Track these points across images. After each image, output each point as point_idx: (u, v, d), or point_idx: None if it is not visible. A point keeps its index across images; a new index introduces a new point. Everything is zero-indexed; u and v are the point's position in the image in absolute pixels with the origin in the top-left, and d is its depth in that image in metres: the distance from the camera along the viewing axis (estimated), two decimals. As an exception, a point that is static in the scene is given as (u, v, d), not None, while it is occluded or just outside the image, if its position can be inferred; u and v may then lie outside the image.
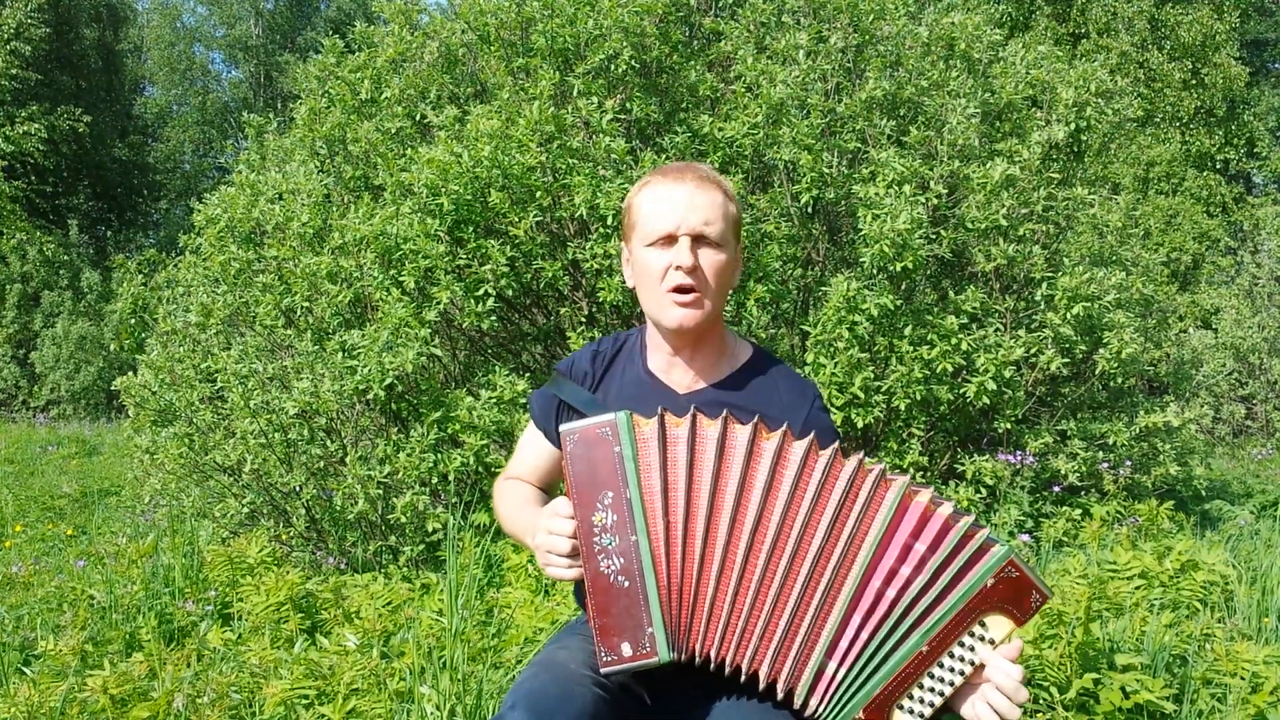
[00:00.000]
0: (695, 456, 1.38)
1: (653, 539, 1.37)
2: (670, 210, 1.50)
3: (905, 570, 1.31)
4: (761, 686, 1.37)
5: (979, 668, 1.30)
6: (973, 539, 1.30)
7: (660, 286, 1.51)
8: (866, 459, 1.37)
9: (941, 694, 1.31)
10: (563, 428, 1.41)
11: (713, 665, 1.38)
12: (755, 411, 1.44)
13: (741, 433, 1.37)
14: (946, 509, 1.31)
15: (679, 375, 1.59)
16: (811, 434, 1.38)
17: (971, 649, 1.31)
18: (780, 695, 1.36)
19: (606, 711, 1.38)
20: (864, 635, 1.32)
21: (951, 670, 1.31)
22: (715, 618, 1.37)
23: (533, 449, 1.72)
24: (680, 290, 1.49)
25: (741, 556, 1.36)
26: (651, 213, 1.52)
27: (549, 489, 1.74)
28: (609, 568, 1.37)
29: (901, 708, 1.32)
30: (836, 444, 1.38)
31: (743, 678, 1.37)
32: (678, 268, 1.49)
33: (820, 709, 1.34)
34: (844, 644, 1.33)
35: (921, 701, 1.32)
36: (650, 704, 1.51)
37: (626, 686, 1.47)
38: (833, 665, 1.33)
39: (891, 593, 1.31)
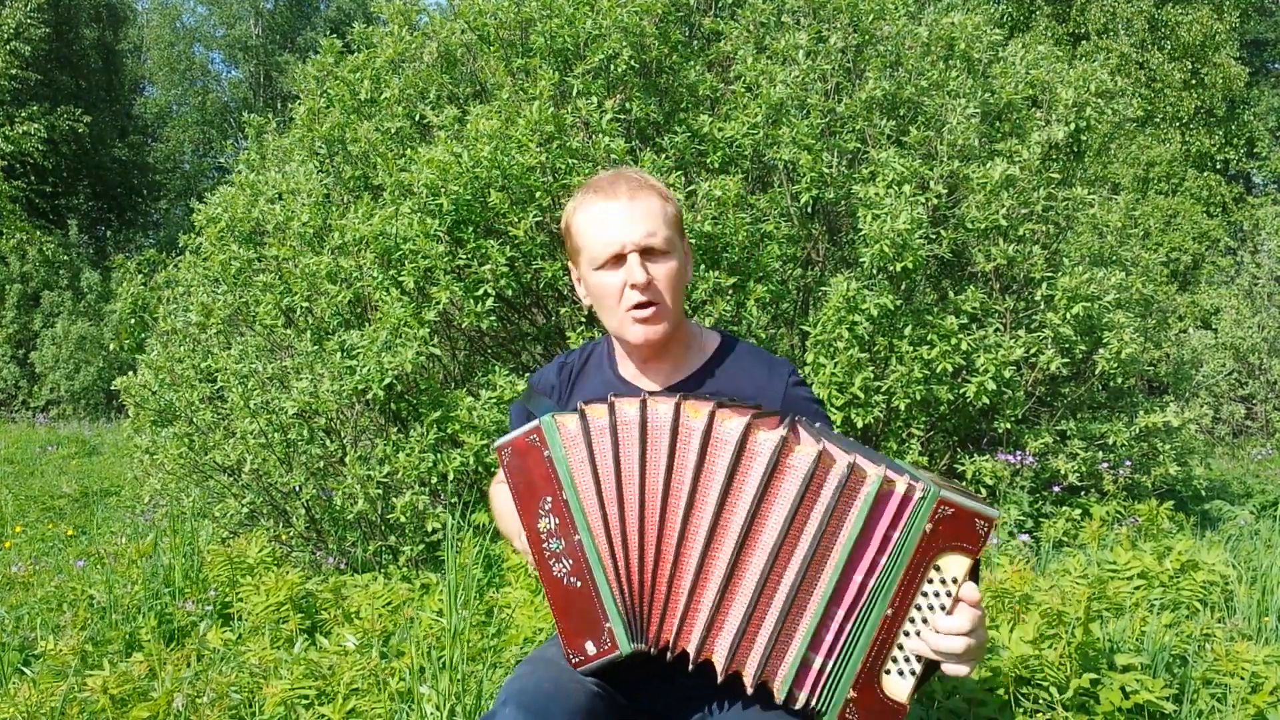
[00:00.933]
0: (619, 444, 1.35)
1: (596, 535, 1.36)
2: (612, 229, 1.48)
3: (884, 560, 1.30)
4: (719, 678, 1.35)
5: (951, 610, 1.29)
6: (911, 500, 1.28)
7: (619, 307, 1.50)
8: (829, 445, 1.34)
9: (913, 647, 1.31)
10: (496, 444, 1.41)
11: (670, 655, 1.37)
12: (728, 397, 1.42)
13: (663, 412, 1.33)
14: (919, 492, 1.29)
15: (650, 377, 1.60)
16: (759, 408, 1.36)
17: (936, 595, 1.30)
18: (750, 689, 1.34)
19: (601, 708, 1.38)
20: (848, 626, 1.32)
21: (924, 622, 1.30)
22: (671, 606, 1.36)
23: None
24: (640, 306, 1.49)
25: (675, 543, 1.34)
26: (593, 235, 1.49)
27: None
28: (560, 571, 1.38)
29: (889, 673, 1.32)
30: (788, 422, 1.35)
31: (690, 665, 1.36)
32: (633, 286, 1.48)
33: (813, 702, 1.34)
34: (828, 636, 1.32)
35: (906, 660, 1.31)
36: (647, 703, 1.50)
37: (621, 683, 1.47)
38: (819, 659, 1.33)
39: (873, 582, 1.31)
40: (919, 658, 1.30)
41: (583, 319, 4.14)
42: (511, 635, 2.81)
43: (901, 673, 1.32)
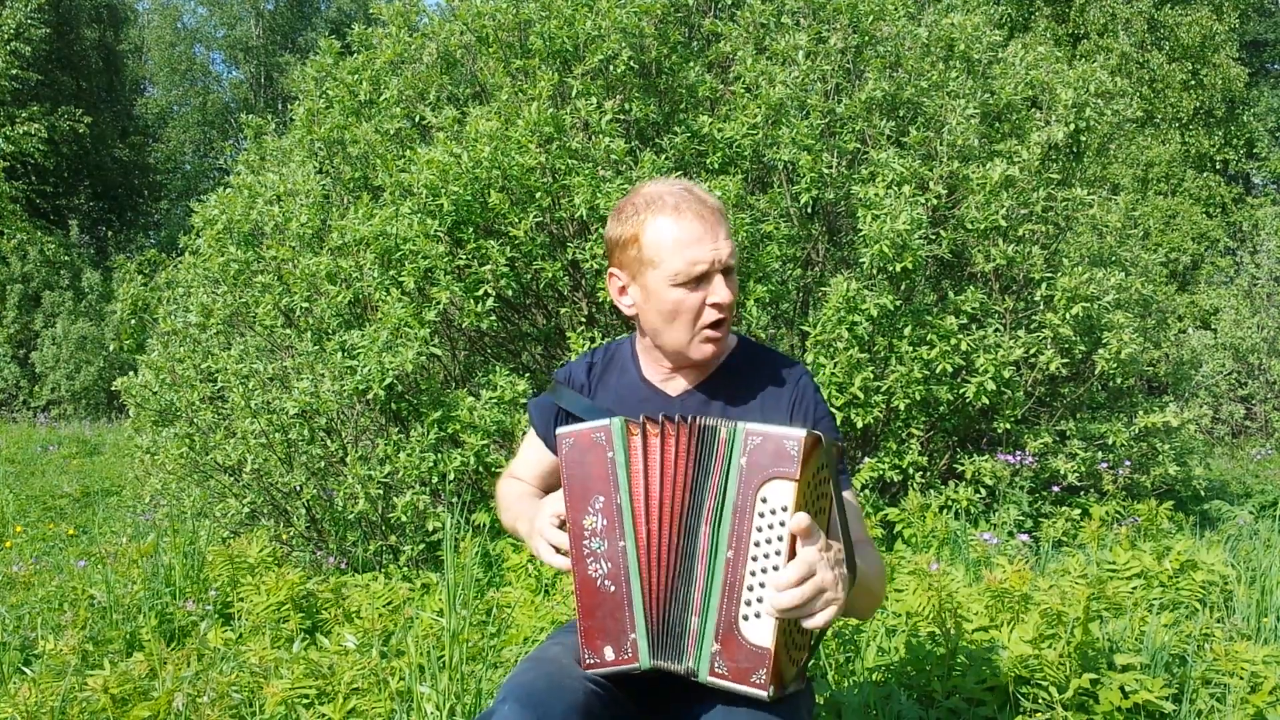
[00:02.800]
0: (679, 464, 1.37)
1: (639, 546, 1.37)
2: (703, 248, 1.47)
3: (713, 503, 1.33)
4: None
5: (790, 543, 1.27)
6: (721, 441, 1.31)
7: (694, 324, 1.49)
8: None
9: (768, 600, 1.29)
10: (559, 430, 1.42)
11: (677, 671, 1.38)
12: (745, 402, 1.43)
13: (706, 433, 1.35)
14: (724, 428, 1.32)
15: (674, 382, 1.60)
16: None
17: (771, 527, 1.28)
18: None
19: (599, 707, 1.38)
20: (701, 580, 1.33)
21: (766, 557, 1.29)
22: (693, 630, 1.36)
23: (533, 455, 1.74)
24: (716, 325, 1.49)
25: (707, 571, 1.35)
26: (677, 252, 1.47)
27: (549, 494, 1.75)
28: (596, 571, 1.38)
29: (746, 619, 1.30)
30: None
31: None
32: (717, 305, 1.48)
33: (690, 664, 1.34)
34: (697, 596, 1.34)
35: (760, 601, 1.29)
36: (644, 703, 1.51)
37: (620, 682, 1.47)
38: (695, 620, 1.34)
39: (710, 529, 1.33)
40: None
41: (583, 319, 4.15)
42: (511, 635, 2.81)
43: (759, 615, 1.29)
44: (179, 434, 4.27)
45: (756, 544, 1.29)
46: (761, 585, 1.29)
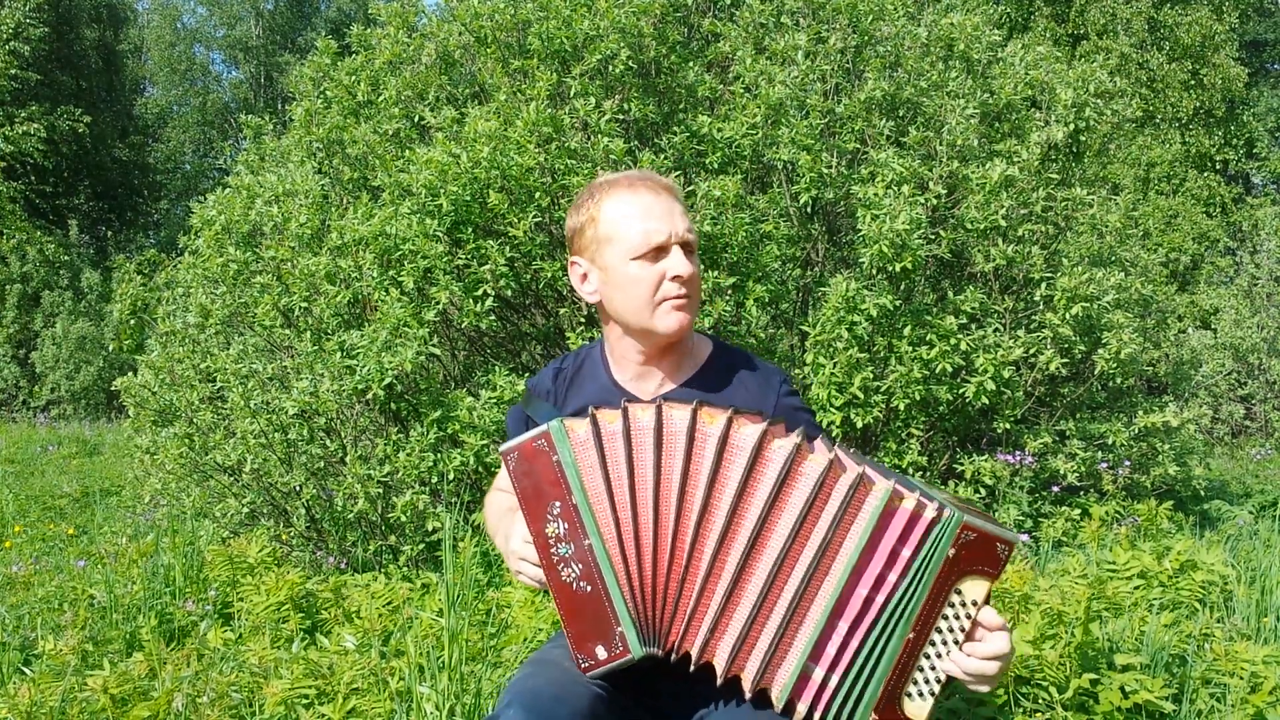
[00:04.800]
0: (634, 449, 1.36)
1: (606, 539, 1.36)
2: (657, 221, 1.49)
3: (892, 576, 1.30)
4: (719, 680, 1.36)
5: (969, 632, 1.31)
6: (920, 519, 1.29)
7: (653, 298, 1.50)
8: (841, 455, 1.34)
9: (943, 669, 1.32)
10: (502, 448, 1.41)
11: (674, 657, 1.38)
12: (721, 403, 1.43)
13: (679, 418, 1.34)
14: (931, 511, 1.29)
15: (646, 383, 1.59)
16: (764, 416, 1.36)
17: (957, 618, 1.31)
18: (749, 693, 1.35)
19: (603, 710, 1.38)
20: (854, 642, 1.31)
21: (944, 644, 1.32)
22: (680, 608, 1.37)
23: None
24: (678, 298, 1.50)
25: (688, 546, 1.35)
26: (634, 225, 1.49)
27: None
28: (569, 576, 1.37)
29: (910, 696, 1.33)
30: (800, 431, 1.35)
31: (691, 667, 1.37)
32: (675, 278, 1.49)
33: (818, 717, 1.33)
34: (831, 649, 1.32)
35: (926, 682, 1.33)
36: (649, 702, 1.51)
37: (624, 684, 1.47)
38: (820, 671, 1.32)
39: (880, 598, 1.30)
40: (938, 680, 1.32)
41: (582, 319, 4.15)
42: (511, 635, 2.81)
43: (922, 694, 1.33)
44: (178, 434, 4.27)
45: (939, 630, 1.32)
46: (933, 669, 1.32)
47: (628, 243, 1.50)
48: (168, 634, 3.07)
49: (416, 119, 4.43)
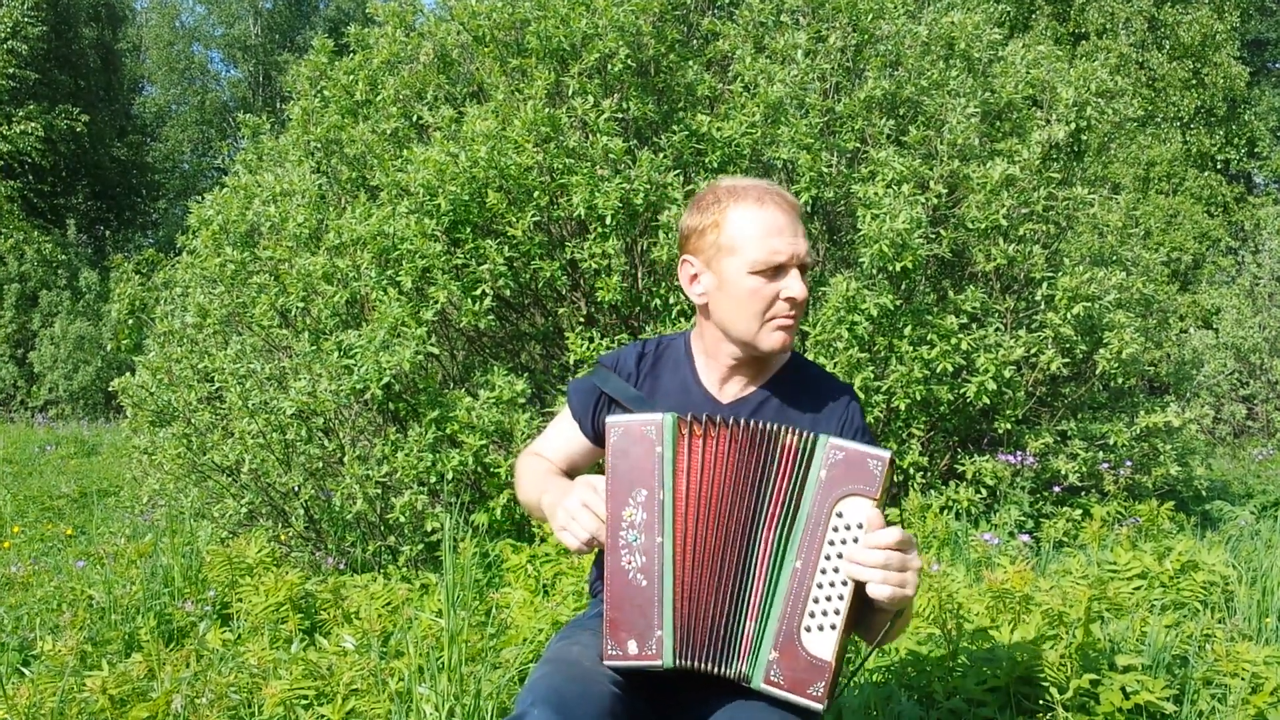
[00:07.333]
0: (729, 468, 1.38)
1: (678, 546, 1.38)
2: (783, 240, 1.49)
3: (781, 511, 1.35)
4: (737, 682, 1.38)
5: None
6: (788, 448, 1.33)
7: (764, 314, 1.50)
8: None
9: (840, 596, 1.30)
10: (609, 419, 1.42)
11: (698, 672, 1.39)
12: (795, 415, 1.46)
13: (767, 439, 1.37)
14: (793, 438, 1.35)
15: (729, 386, 1.60)
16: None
17: (843, 541, 1.30)
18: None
19: (621, 708, 1.38)
20: (760, 585, 1.35)
21: (836, 570, 1.31)
22: (718, 642, 1.38)
23: (564, 436, 1.71)
24: (788, 318, 1.51)
25: (740, 577, 1.37)
26: (761, 240, 1.49)
27: (572, 477, 1.74)
28: (630, 564, 1.38)
29: (809, 630, 1.31)
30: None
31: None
32: (789, 298, 1.49)
33: (742, 668, 1.35)
34: (755, 601, 1.36)
35: (824, 614, 1.31)
36: (660, 706, 1.50)
37: (638, 682, 1.46)
38: (751, 625, 1.35)
39: (771, 535, 1.35)
40: (836, 611, 1.31)
41: (581, 319, 4.14)
42: (511, 636, 2.80)
43: (821, 628, 1.31)
44: (176, 434, 4.26)
45: (827, 557, 1.31)
46: (828, 599, 1.30)
47: (750, 256, 1.49)
48: (166, 635, 3.06)
49: (414, 118, 4.42)
